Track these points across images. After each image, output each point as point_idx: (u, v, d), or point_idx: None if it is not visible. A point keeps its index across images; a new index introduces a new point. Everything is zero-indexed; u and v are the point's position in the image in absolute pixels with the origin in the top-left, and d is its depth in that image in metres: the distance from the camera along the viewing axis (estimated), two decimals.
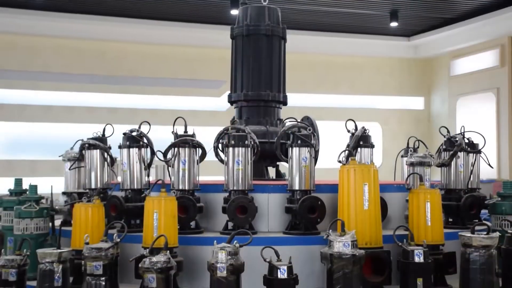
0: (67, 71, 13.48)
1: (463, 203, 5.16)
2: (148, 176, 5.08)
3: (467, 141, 5.39)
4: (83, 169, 5.29)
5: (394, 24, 13.74)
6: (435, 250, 4.43)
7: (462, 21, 13.81)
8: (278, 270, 3.88)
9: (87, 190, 5.16)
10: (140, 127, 5.05)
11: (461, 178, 5.30)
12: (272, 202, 4.99)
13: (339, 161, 4.79)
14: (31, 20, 12.71)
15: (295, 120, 5.55)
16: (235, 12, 6.60)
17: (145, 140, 5.03)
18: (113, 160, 5.28)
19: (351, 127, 5.39)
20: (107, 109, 13.61)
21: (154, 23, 13.54)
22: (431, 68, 16.07)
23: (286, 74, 6.33)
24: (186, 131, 5.00)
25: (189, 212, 4.72)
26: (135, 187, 4.98)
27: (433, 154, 5.30)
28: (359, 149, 5.25)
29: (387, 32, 15.07)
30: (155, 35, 13.70)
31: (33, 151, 13.20)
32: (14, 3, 12.36)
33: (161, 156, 4.93)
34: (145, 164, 5.03)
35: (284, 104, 6.30)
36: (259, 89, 6.07)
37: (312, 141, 4.82)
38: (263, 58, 6.10)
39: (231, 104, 6.36)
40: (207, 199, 5.04)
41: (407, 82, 16.12)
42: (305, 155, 4.76)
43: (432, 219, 4.44)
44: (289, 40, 6.49)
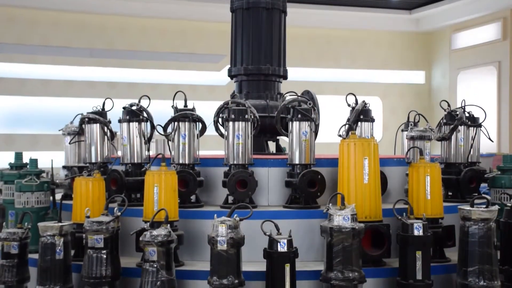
0: (66, 45, 13.41)
1: (463, 177, 5.17)
2: (148, 150, 5.08)
3: (468, 115, 5.38)
4: (83, 143, 5.29)
5: None
6: (434, 224, 4.46)
7: None
8: (278, 244, 3.90)
9: (88, 164, 5.17)
10: (140, 101, 5.04)
11: (461, 152, 5.30)
12: (272, 176, 5.00)
13: (339, 135, 4.78)
14: None
15: (295, 94, 5.53)
16: None
17: (145, 114, 5.02)
18: (113, 134, 5.27)
19: (352, 101, 5.38)
20: (107, 83, 13.57)
21: None
22: (432, 42, 15.97)
23: (286, 48, 6.29)
24: (186, 105, 4.99)
25: (189, 186, 4.74)
26: (135, 161, 4.99)
27: (434, 128, 5.29)
28: (359, 123, 5.24)
29: (388, 6, 14.95)
30: (155, 9, 13.60)
31: (33, 125, 13.21)
32: None
33: (161, 130, 4.93)
34: (145, 138, 5.03)
35: (285, 78, 6.28)
36: (259, 63, 6.04)
37: (312, 115, 4.81)
38: (263, 32, 6.06)
39: (231, 78, 6.34)
40: (207, 173, 5.05)
41: (408, 56, 16.04)
42: (305, 129, 4.76)
43: (432, 193, 4.46)
44: (290, 14, 6.43)
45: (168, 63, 14.15)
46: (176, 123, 4.87)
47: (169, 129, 4.92)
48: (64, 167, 5.62)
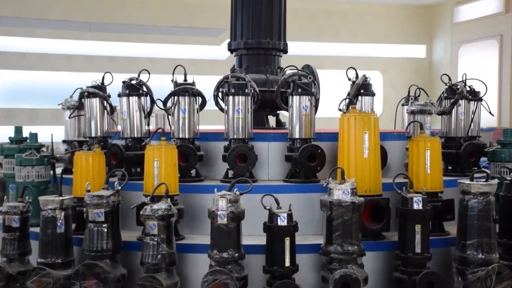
0: (65, 19, 13.31)
1: (463, 151, 5.17)
2: (148, 125, 5.07)
3: (469, 89, 5.36)
4: (83, 118, 5.28)
5: None
6: (434, 198, 4.47)
7: None
8: (278, 218, 3.92)
9: (87, 139, 5.17)
10: (140, 76, 5.01)
11: (462, 126, 5.29)
12: (272, 151, 5.00)
13: (340, 110, 4.77)
14: None
15: (296, 69, 5.50)
16: None
17: (145, 89, 5.00)
18: (113, 109, 5.26)
19: (352, 75, 5.35)
20: (106, 58, 13.51)
21: None
22: (434, 15, 15.84)
23: (287, 22, 6.24)
24: (186, 80, 4.97)
25: (190, 161, 4.74)
26: (135, 136, 4.98)
27: (434, 102, 5.28)
28: (360, 98, 5.22)
29: None
30: None
31: (33, 100, 13.19)
32: None
33: (161, 105, 4.92)
34: (145, 113, 5.02)
35: (285, 52, 6.24)
36: (259, 37, 6.00)
37: (313, 90, 4.79)
38: (264, 5, 6.01)
39: (231, 53, 6.30)
40: (207, 148, 5.06)
41: (409, 30, 15.93)
42: (306, 104, 4.74)
43: (432, 167, 4.46)
44: None
45: (168, 37, 14.07)
46: (176, 98, 4.86)
47: (169, 104, 4.90)
48: (64, 142, 5.62)
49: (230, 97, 4.77)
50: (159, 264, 3.91)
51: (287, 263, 3.91)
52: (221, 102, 5.26)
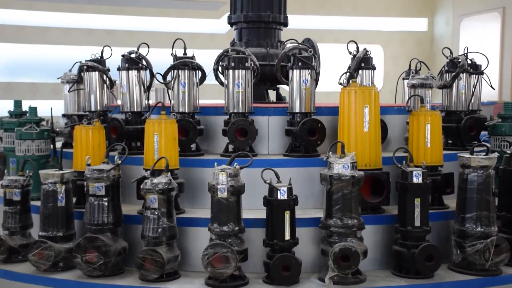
0: None
1: (463, 125, 5.17)
2: (148, 99, 5.06)
3: (470, 62, 5.33)
4: (83, 92, 5.27)
5: None
6: (434, 171, 4.48)
7: None
8: (278, 191, 3.93)
9: (87, 113, 5.16)
10: (139, 49, 4.98)
11: (462, 100, 5.27)
12: (273, 125, 5.00)
13: (340, 83, 4.75)
14: None
15: (296, 42, 5.46)
16: None
17: (144, 62, 4.97)
18: (112, 83, 5.24)
19: (353, 49, 5.32)
20: (105, 31, 13.42)
21: None
22: None
23: None
24: (186, 54, 4.94)
25: (190, 135, 4.74)
26: (135, 110, 4.97)
27: (435, 76, 5.25)
28: (360, 71, 5.19)
29: None
30: None
31: (32, 74, 13.14)
32: None
33: (161, 79, 4.89)
34: (145, 87, 5.00)
35: (285, 26, 6.19)
36: (259, 10, 5.93)
37: (313, 63, 4.76)
38: None
39: (231, 26, 6.25)
40: (207, 122, 5.05)
41: (410, 3, 15.79)
42: (306, 77, 4.72)
43: (432, 141, 4.46)
44: None
45: (167, 11, 13.95)
46: (176, 71, 4.83)
47: (169, 77, 4.88)
48: (64, 116, 5.61)
49: (230, 71, 4.74)
50: (160, 238, 3.93)
51: (287, 237, 3.93)
52: (221, 76, 5.24)
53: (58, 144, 5.31)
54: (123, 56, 4.96)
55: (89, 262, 4.00)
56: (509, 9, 13.26)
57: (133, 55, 4.95)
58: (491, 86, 5.50)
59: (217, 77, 5.46)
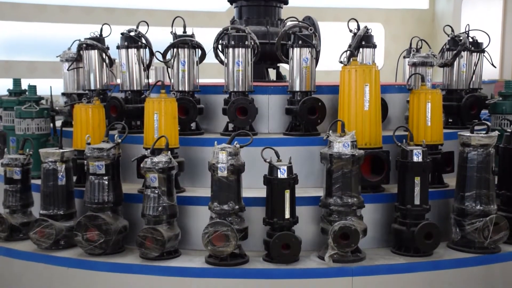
0: None
1: (464, 103, 5.15)
2: (148, 78, 5.04)
3: (471, 40, 5.29)
4: (82, 70, 5.24)
5: None
6: (434, 150, 4.48)
7: None
8: (278, 170, 3.93)
9: (87, 91, 5.14)
10: (138, 27, 4.94)
11: (463, 78, 5.25)
12: (273, 104, 4.98)
13: (341, 62, 4.72)
14: None
15: (296, 20, 5.41)
16: None
17: (144, 41, 4.94)
18: (112, 61, 5.21)
19: (353, 27, 5.28)
20: (104, 9, 13.31)
21: None
22: None
23: None
24: (185, 32, 4.90)
25: (190, 114, 4.73)
26: (135, 89, 4.96)
27: (436, 54, 5.22)
28: (361, 50, 5.16)
29: None
30: None
31: (30, 52, 13.07)
32: None
33: (160, 57, 4.86)
34: (144, 65, 4.97)
35: (285, 3, 6.14)
36: None
37: (313, 42, 4.73)
38: None
39: (231, 4, 6.20)
40: (207, 101, 5.03)
41: None
42: (306, 56, 4.69)
43: (432, 119, 4.45)
44: None
45: None
46: (175, 50, 4.80)
47: (168, 56, 4.85)
48: (63, 94, 5.59)
49: (230, 49, 4.72)
50: (160, 216, 3.95)
51: (287, 215, 3.94)
52: (221, 55, 5.21)
53: (58, 123, 5.30)
54: (123, 34, 4.93)
55: (90, 240, 4.02)
56: None
57: (133, 33, 4.91)
58: (492, 64, 5.46)
59: (217, 56, 5.43)
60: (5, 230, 4.45)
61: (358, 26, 5.21)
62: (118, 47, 4.94)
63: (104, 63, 5.08)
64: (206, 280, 3.85)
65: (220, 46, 5.22)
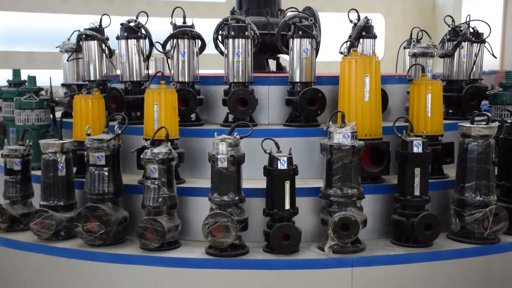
0: None
1: (464, 94, 5.14)
2: (147, 68, 5.02)
3: (472, 31, 5.27)
4: (81, 61, 5.23)
5: None
6: (434, 141, 4.48)
7: None
8: (278, 161, 3.93)
9: (86, 82, 5.13)
10: (138, 18, 4.92)
11: (464, 69, 5.24)
12: (273, 95, 4.97)
13: (341, 53, 4.70)
14: None
15: (297, 11, 5.40)
16: None
17: (143, 31, 4.93)
18: (112, 52, 5.20)
19: (354, 18, 5.26)
20: (103, 0, 13.25)
21: None
22: None
23: None
24: (185, 22, 4.89)
25: (190, 104, 4.72)
26: (135, 79, 4.95)
27: (436, 45, 5.21)
28: (361, 40, 5.14)
29: None
30: None
31: (30, 43, 13.04)
32: None
33: (160, 48, 4.85)
34: (144, 56, 4.96)
35: None
36: None
37: (314, 32, 4.71)
38: None
39: None
40: (207, 92, 5.03)
41: None
42: (306, 46, 4.68)
43: (433, 110, 4.44)
44: None
45: None
46: (175, 40, 4.79)
47: (168, 47, 4.84)
48: (63, 85, 5.59)
49: (230, 40, 4.70)
50: (160, 207, 3.95)
51: (287, 206, 3.95)
52: (221, 45, 5.19)
53: (58, 114, 5.30)
54: (122, 25, 4.91)
55: (90, 231, 4.03)
56: None
57: (132, 24, 4.90)
58: (493, 55, 5.45)
59: (217, 46, 5.41)
60: (6, 221, 4.46)
61: (359, 17, 5.19)
62: (118, 38, 4.92)
63: (104, 54, 5.07)
64: (206, 271, 3.86)
65: (220, 37, 5.21)
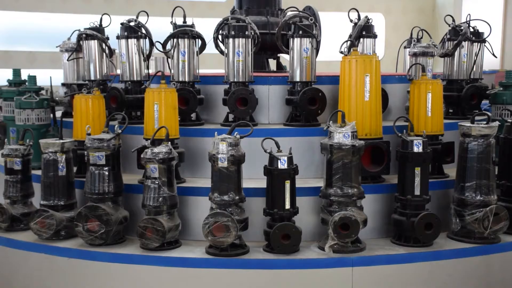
0: None
1: (464, 94, 5.14)
2: (148, 68, 5.02)
3: (472, 30, 5.27)
4: (82, 61, 5.23)
5: None
6: (434, 141, 4.47)
7: None
8: (279, 161, 3.93)
9: (87, 82, 5.13)
10: (138, 17, 4.92)
11: (464, 69, 5.24)
12: (273, 94, 4.97)
13: (341, 52, 4.70)
14: None
15: (297, 10, 5.40)
16: None
17: (144, 31, 4.93)
18: (112, 52, 5.20)
19: (354, 17, 5.26)
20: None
21: None
22: None
23: None
24: (185, 22, 4.89)
25: (190, 104, 4.72)
26: (135, 79, 4.95)
27: (437, 44, 5.21)
28: (362, 40, 5.14)
29: None
30: None
31: (30, 42, 13.04)
32: None
33: (160, 47, 4.85)
34: (144, 56, 4.96)
35: None
36: None
37: (314, 32, 4.71)
38: None
39: None
40: (208, 91, 5.03)
41: None
42: (307, 46, 4.68)
43: (433, 110, 4.44)
44: None
45: None
46: (175, 40, 4.79)
47: (168, 46, 4.84)
48: (63, 85, 5.58)
49: (230, 40, 4.70)
50: (161, 207, 3.95)
51: (287, 206, 3.95)
52: (221, 45, 5.19)
53: (58, 113, 5.29)
54: (122, 25, 4.91)
55: (91, 231, 4.03)
56: None
57: (132, 23, 4.90)
58: (493, 54, 5.45)
59: (217, 46, 5.41)
60: (6, 221, 4.46)
61: (359, 16, 5.19)
62: (118, 37, 4.92)
63: (104, 54, 5.07)
64: (207, 271, 3.86)
65: (220, 36, 5.20)
